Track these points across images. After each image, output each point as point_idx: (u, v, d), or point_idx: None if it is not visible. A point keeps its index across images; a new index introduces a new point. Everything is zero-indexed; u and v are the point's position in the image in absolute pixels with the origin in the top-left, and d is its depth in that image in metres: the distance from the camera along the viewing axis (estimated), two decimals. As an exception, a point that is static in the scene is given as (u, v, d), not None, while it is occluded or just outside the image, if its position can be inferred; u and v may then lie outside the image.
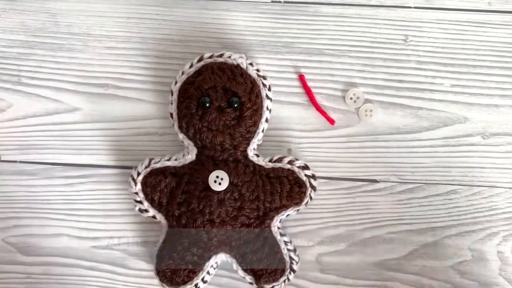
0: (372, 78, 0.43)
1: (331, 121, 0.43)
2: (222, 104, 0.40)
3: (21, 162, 0.44)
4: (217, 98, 0.40)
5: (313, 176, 0.41)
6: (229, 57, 0.41)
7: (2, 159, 0.44)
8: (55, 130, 0.44)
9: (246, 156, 0.41)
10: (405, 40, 0.44)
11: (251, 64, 0.41)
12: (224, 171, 0.40)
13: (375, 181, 0.43)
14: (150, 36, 0.44)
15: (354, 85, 0.43)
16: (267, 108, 0.42)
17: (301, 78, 0.43)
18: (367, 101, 0.43)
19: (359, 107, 0.43)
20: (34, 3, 0.45)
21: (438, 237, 0.43)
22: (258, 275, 0.41)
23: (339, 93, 0.43)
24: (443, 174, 0.43)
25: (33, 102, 0.44)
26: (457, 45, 0.43)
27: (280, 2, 0.44)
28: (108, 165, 0.44)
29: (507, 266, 0.43)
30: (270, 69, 0.43)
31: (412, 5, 0.44)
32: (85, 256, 0.44)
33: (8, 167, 0.44)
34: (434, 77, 0.43)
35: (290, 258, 0.41)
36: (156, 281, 0.41)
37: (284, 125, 0.43)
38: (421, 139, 0.43)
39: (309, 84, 0.43)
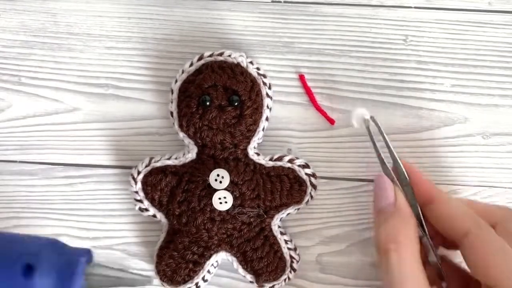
0: (372, 78, 0.43)
1: (331, 121, 0.43)
2: (223, 103, 0.40)
3: (21, 162, 0.44)
4: (217, 96, 0.40)
5: (314, 175, 0.41)
6: (229, 55, 0.41)
7: (2, 159, 0.44)
8: (55, 130, 0.44)
9: (246, 155, 0.41)
10: (405, 40, 0.44)
11: (251, 62, 0.42)
12: (225, 169, 0.40)
13: (375, 181, 0.43)
14: (150, 36, 0.44)
15: (354, 85, 0.43)
16: (268, 106, 0.42)
17: (301, 78, 0.43)
18: (364, 101, 0.43)
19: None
20: (34, 3, 0.45)
21: (438, 237, 0.43)
22: (258, 273, 0.41)
23: (339, 93, 0.43)
24: (443, 174, 0.43)
25: (33, 102, 0.44)
26: (457, 45, 0.43)
27: (280, 2, 0.44)
28: (108, 165, 0.44)
29: (507, 266, 0.42)
30: (270, 69, 0.43)
31: (412, 5, 0.44)
32: (85, 256, 0.44)
33: (8, 167, 0.44)
34: (434, 77, 0.43)
35: (291, 257, 0.41)
36: (156, 281, 0.41)
37: (284, 125, 0.43)
38: (421, 139, 0.43)
39: (309, 84, 0.43)
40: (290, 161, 0.41)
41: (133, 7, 0.45)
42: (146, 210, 0.41)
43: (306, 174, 0.41)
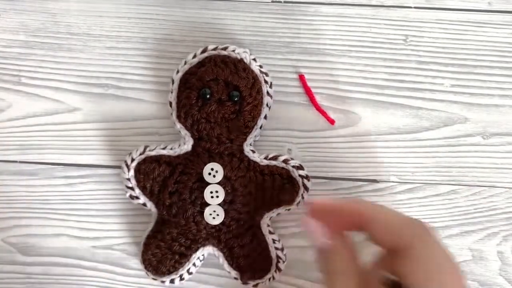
0: (372, 78, 0.43)
1: (331, 121, 0.43)
2: (223, 97, 0.40)
3: (21, 162, 0.44)
4: (218, 90, 0.40)
5: (307, 177, 0.41)
6: (233, 50, 0.41)
7: (2, 159, 0.44)
8: (55, 130, 0.44)
9: (241, 151, 0.41)
10: (405, 40, 0.44)
11: (254, 59, 0.41)
12: (219, 164, 0.40)
13: (375, 181, 0.43)
14: (150, 36, 0.44)
15: (354, 85, 0.43)
16: (267, 105, 0.42)
17: (301, 78, 0.43)
18: (364, 101, 0.43)
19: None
20: (34, 3, 0.45)
21: (438, 237, 0.43)
22: (243, 270, 0.41)
23: (339, 93, 0.43)
24: (443, 174, 0.43)
25: (33, 102, 0.44)
26: (457, 45, 0.43)
27: (280, 2, 0.44)
28: (108, 165, 0.44)
29: (507, 266, 0.43)
30: (270, 69, 0.43)
31: (412, 5, 0.44)
32: (85, 256, 0.44)
33: (8, 167, 0.44)
34: (434, 77, 0.43)
35: (277, 256, 0.41)
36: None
37: (284, 125, 0.43)
38: (421, 139, 0.43)
39: (309, 84, 0.43)
40: (285, 161, 0.41)
41: (133, 7, 0.45)
42: (137, 198, 0.41)
43: (300, 175, 0.41)
